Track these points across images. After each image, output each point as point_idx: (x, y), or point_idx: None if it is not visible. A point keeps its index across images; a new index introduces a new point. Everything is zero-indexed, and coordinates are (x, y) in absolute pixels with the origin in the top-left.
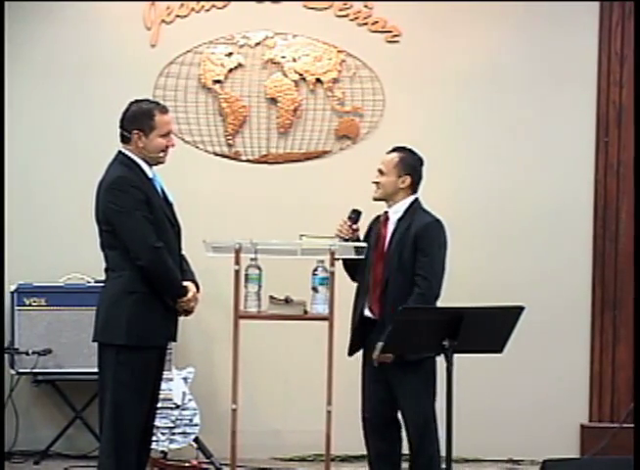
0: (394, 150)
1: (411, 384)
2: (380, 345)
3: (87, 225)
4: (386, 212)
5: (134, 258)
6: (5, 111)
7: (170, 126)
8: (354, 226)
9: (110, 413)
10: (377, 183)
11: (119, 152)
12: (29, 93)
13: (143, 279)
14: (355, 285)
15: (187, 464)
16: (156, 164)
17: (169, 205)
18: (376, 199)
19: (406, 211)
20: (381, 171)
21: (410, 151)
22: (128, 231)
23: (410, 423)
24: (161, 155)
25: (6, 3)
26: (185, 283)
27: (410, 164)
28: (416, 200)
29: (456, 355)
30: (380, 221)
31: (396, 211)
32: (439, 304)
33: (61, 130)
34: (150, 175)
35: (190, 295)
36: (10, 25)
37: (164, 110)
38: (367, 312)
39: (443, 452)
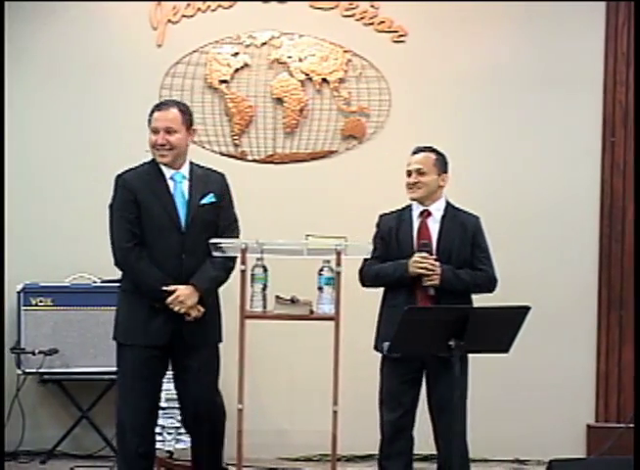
0: (424, 150)
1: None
2: (386, 344)
3: (94, 225)
4: (425, 210)
5: (113, 257)
6: (9, 110)
7: (156, 123)
8: (434, 256)
9: None
10: (416, 183)
11: None
12: (34, 93)
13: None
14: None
15: None
16: (164, 165)
17: (190, 206)
18: (415, 199)
19: (446, 209)
20: (420, 171)
21: (437, 150)
22: (110, 230)
23: (448, 416)
24: (152, 150)
25: (10, 2)
26: (171, 287)
27: (446, 163)
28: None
29: None
30: (404, 219)
31: (438, 209)
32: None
33: (67, 130)
34: (167, 175)
35: (169, 299)
36: (15, 25)
37: (160, 107)
38: None
39: None
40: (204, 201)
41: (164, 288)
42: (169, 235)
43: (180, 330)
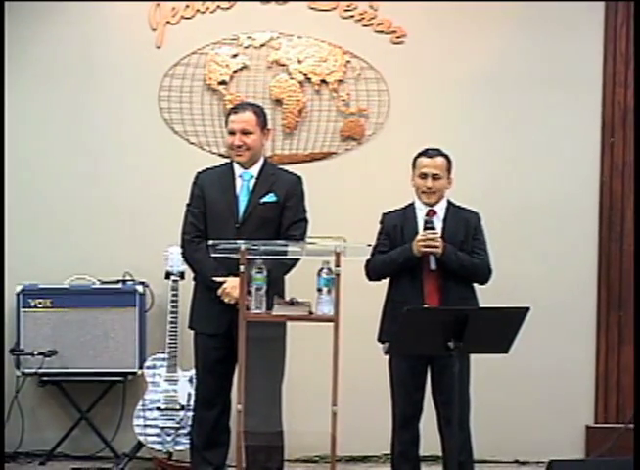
0: (437, 154)
1: (461, 369)
2: (385, 345)
3: (92, 227)
4: (431, 210)
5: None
6: (10, 111)
7: (233, 125)
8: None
9: None
10: (430, 188)
11: None
12: (34, 94)
13: None
14: (357, 284)
15: None
16: (240, 164)
17: (249, 203)
18: (432, 204)
19: (448, 207)
20: (435, 177)
21: (446, 154)
22: None
23: (452, 408)
24: (229, 151)
25: (10, 3)
26: (221, 279)
27: (451, 165)
28: None
29: None
30: (408, 217)
31: (442, 208)
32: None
33: (66, 131)
34: (237, 173)
35: (219, 291)
36: (14, 25)
37: (236, 110)
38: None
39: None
40: (264, 199)
41: (215, 279)
42: (226, 229)
43: (236, 320)
